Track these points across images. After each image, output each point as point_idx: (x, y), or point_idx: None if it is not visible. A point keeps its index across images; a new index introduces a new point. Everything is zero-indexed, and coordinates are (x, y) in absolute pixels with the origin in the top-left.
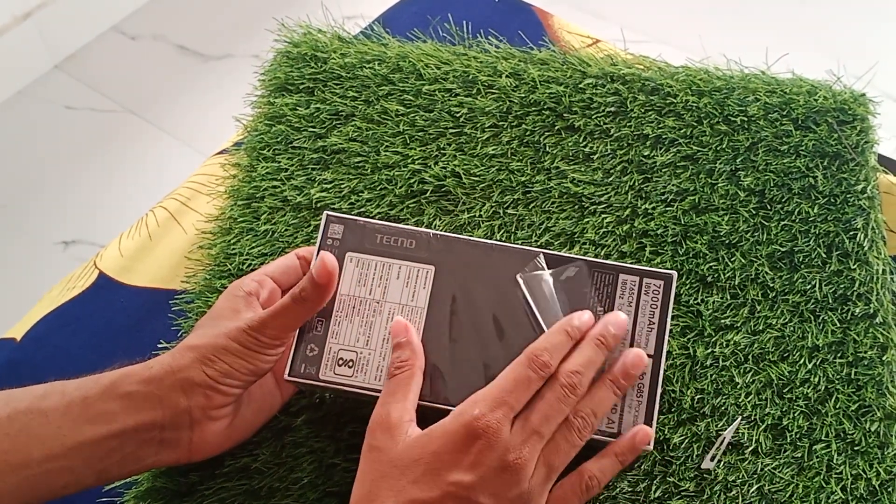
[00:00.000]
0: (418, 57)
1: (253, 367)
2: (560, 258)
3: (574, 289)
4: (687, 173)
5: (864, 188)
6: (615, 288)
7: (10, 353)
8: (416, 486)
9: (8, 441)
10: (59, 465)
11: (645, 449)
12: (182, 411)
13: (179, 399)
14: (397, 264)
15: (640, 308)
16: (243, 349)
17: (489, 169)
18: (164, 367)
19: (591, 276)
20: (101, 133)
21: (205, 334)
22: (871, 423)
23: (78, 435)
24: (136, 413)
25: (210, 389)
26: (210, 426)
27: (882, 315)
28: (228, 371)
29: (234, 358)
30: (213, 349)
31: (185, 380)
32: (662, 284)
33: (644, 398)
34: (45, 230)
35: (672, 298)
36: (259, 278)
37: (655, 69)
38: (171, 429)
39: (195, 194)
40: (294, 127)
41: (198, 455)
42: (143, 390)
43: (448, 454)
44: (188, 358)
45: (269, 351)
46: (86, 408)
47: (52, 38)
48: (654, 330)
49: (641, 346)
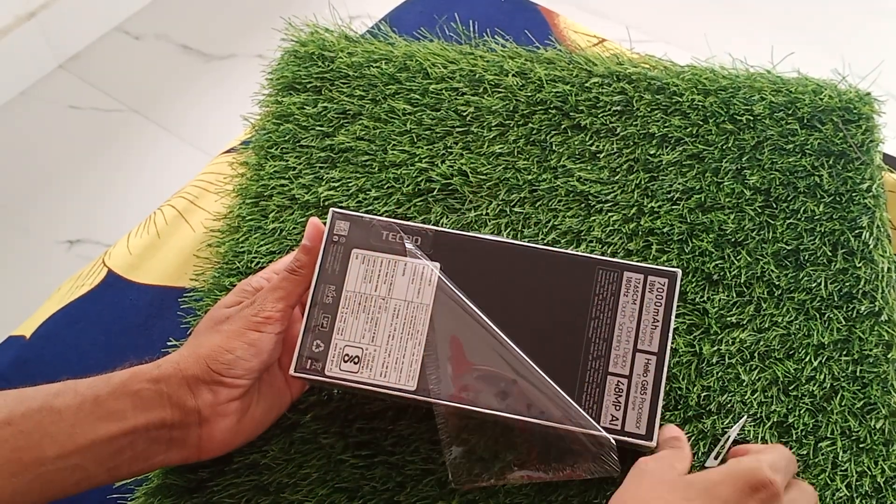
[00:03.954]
0: (425, 56)
1: (255, 349)
2: (568, 257)
3: (576, 288)
4: (693, 172)
5: (870, 187)
6: (619, 286)
7: (19, 351)
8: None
9: (22, 438)
10: (71, 462)
11: (649, 445)
12: (190, 410)
13: (187, 397)
14: (403, 261)
15: (644, 306)
16: (244, 331)
17: (496, 167)
18: (171, 366)
19: (596, 274)
20: (104, 133)
21: (207, 329)
22: (876, 420)
23: (90, 433)
24: (145, 411)
25: (215, 384)
26: (219, 423)
27: (887, 313)
28: (232, 361)
29: (236, 343)
30: (216, 342)
31: (191, 377)
32: (667, 282)
33: (647, 395)
34: (50, 229)
35: (676, 296)
36: (267, 276)
37: (661, 68)
38: (179, 427)
39: (203, 193)
40: (302, 125)
41: (207, 453)
42: (152, 388)
43: (726, 488)
44: (192, 355)
45: (268, 328)
46: (97, 406)
47: (56, 38)
48: (659, 327)
49: (645, 344)
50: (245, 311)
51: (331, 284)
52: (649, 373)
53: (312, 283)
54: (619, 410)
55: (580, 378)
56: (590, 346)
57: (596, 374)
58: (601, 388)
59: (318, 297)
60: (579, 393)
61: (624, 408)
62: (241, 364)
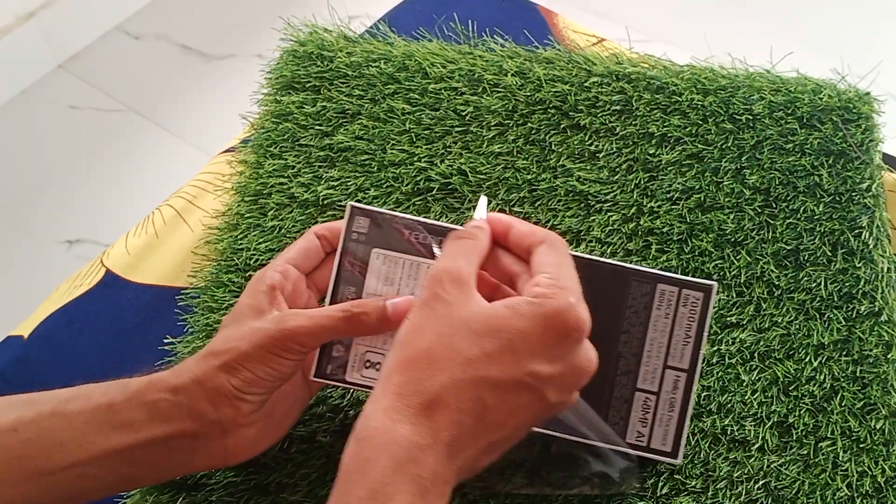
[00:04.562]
0: (424, 56)
1: (277, 373)
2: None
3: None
4: (692, 171)
5: (869, 186)
6: (652, 298)
7: (17, 351)
8: (491, 362)
9: (30, 446)
10: (82, 471)
11: (674, 463)
12: (212, 422)
13: (208, 410)
14: (427, 263)
15: (676, 320)
16: (269, 355)
17: (495, 167)
18: (191, 376)
19: (629, 285)
20: (104, 132)
21: (228, 338)
22: (876, 420)
23: (102, 443)
24: (163, 423)
25: (236, 400)
26: (243, 432)
27: (887, 313)
28: (253, 380)
29: (258, 365)
30: (237, 357)
31: (212, 390)
32: (702, 297)
33: (675, 412)
34: (50, 229)
35: (711, 311)
36: (282, 268)
37: (661, 68)
38: (203, 438)
39: (202, 192)
40: (300, 125)
41: (234, 460)
42: (171, 399)
43: (536, 338)
44: (213, 367)
45: (294, 357)
46: (111, 415)
47: (56, 38)
48: (690, 343)
49: (676, 361)
50: (274, 338)
51: (350, 286)
52: (678, 390)
53: (331, 285)
54: (646, 427)
55: (607, 393)
56: (619, 361)
57: (624, 389)
58: (628, 403)
59: (337, 299)
60: (605, 408)
61: (651, 424)
62: (262, 383)
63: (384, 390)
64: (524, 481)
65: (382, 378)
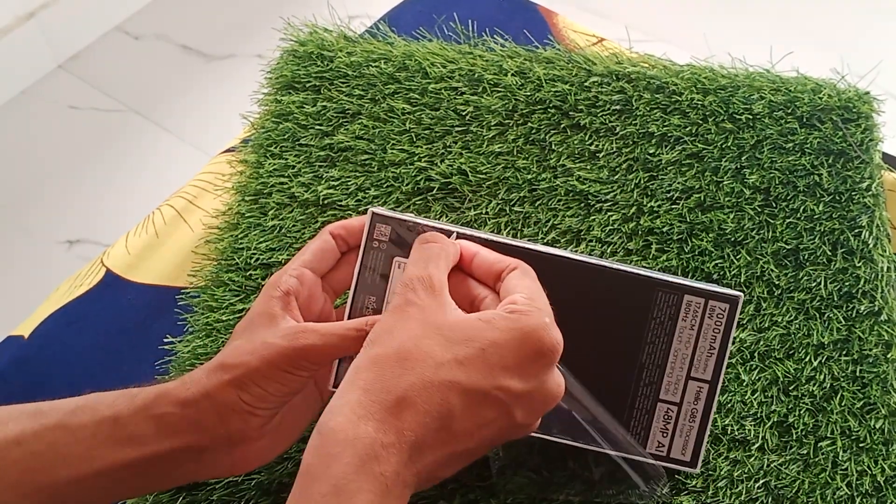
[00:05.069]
0: (424, 55)
1: (287, 389)
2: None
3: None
4: (692, 171)
5: (869, 186)
6: (678, 310)
7: (18, 351)
8: (462, 369)
9: (35, 459)
10: (87, 484)
11: (692, 472)
12: (221, 435)
13: (216, 424)
14: None
15: (702, 331)
16: (279, 372)
17: (495, 167)
18: (200, 390)
19: (655, 295)
20: (104, 133)
21: (240, 350)
22: (875, 420)
23: (108, 457)
24: (170, 437)
25: (246, 414)
26: (251, 445)
27: (887, 312)
28: (263, 395)
29: (268, 382)
30: (247, 373)
31: (221, 405)
32: (728, 308)
33: (696, 423)
34: (50, 229)
35: (736, 322)
36: (298, 272)
37: (660, 67)
38: (211, 451)
39: (202, 192)
40: (301, 125)
41: (241, 470)
42: (179, 413)
43: (511, 353)
44: (223, 381)
45: (305, 374)
46: (117, 429)
47: (56, 38)
48: (714, 355)
49: (699, 372)
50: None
51: (371, 295)
52: (700, 401)
53: (350, 294)
54: (666, 437)
55: (630, 404)
56: (642, 372)
57: (646, 400)
58: (650, 414)
59: (356, 307)
60: (627, 418)
61: (671, 435)
62: (272, 399)
63: (351, 386)
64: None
65: (350, 374)
